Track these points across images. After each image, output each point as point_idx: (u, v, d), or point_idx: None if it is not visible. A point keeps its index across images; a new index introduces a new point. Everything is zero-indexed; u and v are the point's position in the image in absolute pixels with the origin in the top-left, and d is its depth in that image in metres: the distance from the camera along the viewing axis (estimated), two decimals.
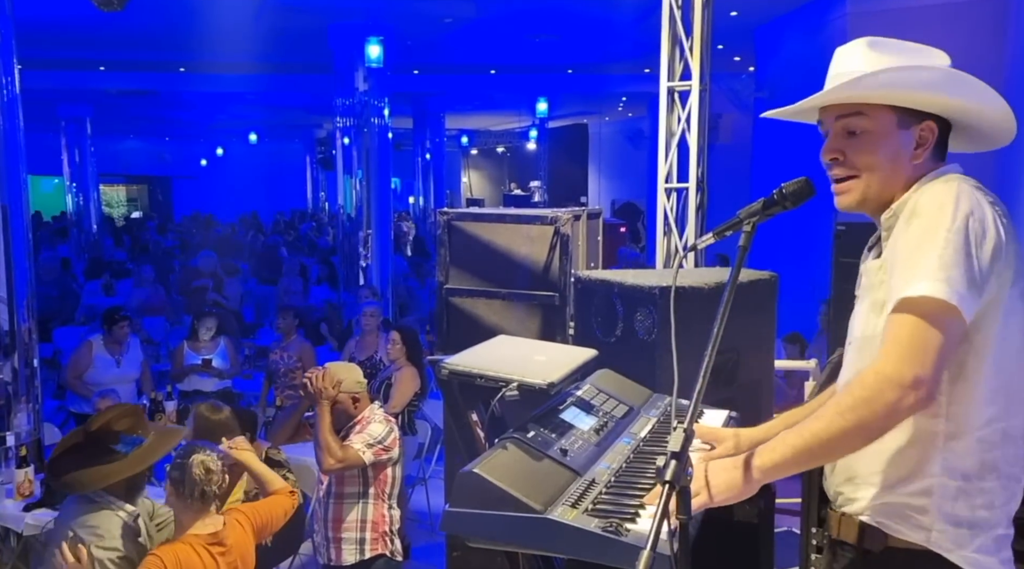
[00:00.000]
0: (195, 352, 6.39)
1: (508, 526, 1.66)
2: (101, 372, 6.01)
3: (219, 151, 24.88)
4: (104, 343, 6.09)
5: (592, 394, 2.35)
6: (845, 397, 1.50)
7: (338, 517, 3.46)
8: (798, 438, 1.53)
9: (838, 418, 1.48)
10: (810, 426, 1.52)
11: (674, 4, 4.60)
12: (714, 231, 1.75)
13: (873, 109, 1.64)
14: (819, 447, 1.51)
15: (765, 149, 9.45)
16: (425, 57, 11.97)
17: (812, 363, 5.10)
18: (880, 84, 1.62)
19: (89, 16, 6.08)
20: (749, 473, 1.54)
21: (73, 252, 15.41)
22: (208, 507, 2.75)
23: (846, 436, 1.49)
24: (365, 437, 3.36)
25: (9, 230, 4.91)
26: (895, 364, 1.46)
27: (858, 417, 1.47)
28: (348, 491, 3.46)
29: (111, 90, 14.00)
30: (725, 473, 1.56)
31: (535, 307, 4.00)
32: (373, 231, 9.32)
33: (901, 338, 1.48)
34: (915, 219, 1.55)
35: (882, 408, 1.46)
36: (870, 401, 1.46)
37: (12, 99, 4.97)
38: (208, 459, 2.74)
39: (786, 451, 1.53)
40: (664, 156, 4.76)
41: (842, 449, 1.57)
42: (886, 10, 6.93)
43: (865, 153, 1.65)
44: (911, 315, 1.47)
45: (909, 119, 1.64)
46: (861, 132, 1.65)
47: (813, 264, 6.54)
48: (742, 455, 1.58)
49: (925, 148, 1.65)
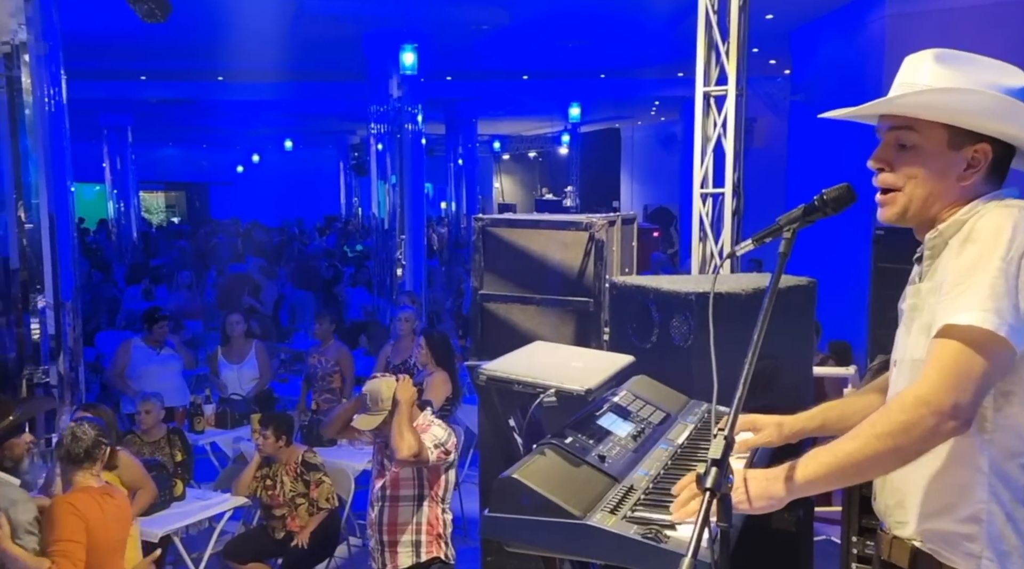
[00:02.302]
0: (227, 360, 6.49)
1: (547, 532, 1.67)
2: (140, 365, 6.10)
3: (255, 158, 25.25)
4: (145, 342, 6.20)
5: (629, 400, 2.35)
6: (882, 419, 1.49)
7: (393, 520, 3.48)
8: (831, 456, 1.52)
9: (874, 440, 1.48)
10: (844, 445, 1.52)
11: (710, 8, 4.58)
12: (753, 237, 1.74)
13: (924, 125, 1.61)
14: (852, 467, 1.51)
15: (801, 153, 9.35)
16: (458, 63, 12.04)
17: (851, 369, 5.03)
18: (918, 104, 1.60)
19: (132, 28, 6.22)
20: (780, 486, 1.54)
21: (114, 257, 15.74)
22: (88, 466, 3.37)
23: (881, 459, 1.49)
24: (430, 437, 3.40)
25: (56, 237, 5.05)
26: (935, 390, 1.45)
27: (895, 441, 1.46)
28: (403, 494, 3.49)
29: (151, 99, 14.30)
30: (761, 484, 1.56)
31: (569, 312, 4.00)
32: (407, 236, 9.39)
33: (944, 364, 1.47)
34: (969, 244, 1.53)
35: (919, 433, 1.46)
36: (907, 427, 1.46)
37: (59, 109, 5.12)
38: (76, 428, 3.42)
39: (818, 469, 1.53)
40: (700, 161, 4.74)
41: (876, 471, 1.58)
42: (927, 11, 6.81)
43: (911, 167, 1.63)
44: (956, 342, 1.46)
45: (961, 139, 1.61)
46: (911, 146, 1.63)
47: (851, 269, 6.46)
48: (779, 467, 1.57)
49: (976, 170, 1.61)
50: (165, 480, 4.55)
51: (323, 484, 4.61)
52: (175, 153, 25.08)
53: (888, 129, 1.66)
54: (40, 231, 4.99)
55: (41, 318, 5.02)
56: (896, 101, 1.62)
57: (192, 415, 5.91)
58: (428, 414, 3.56)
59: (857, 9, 7.90)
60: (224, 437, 5.94)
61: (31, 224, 4.95)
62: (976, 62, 1.64)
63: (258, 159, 25.24)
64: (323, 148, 25.55)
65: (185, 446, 5.02)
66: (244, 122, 19.18)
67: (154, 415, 4.94)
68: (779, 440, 1.98)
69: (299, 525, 4.56)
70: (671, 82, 13.09)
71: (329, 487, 4.65)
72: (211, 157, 25.74)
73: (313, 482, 4.59)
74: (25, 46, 4.87)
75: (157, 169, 23.53)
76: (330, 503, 4.62)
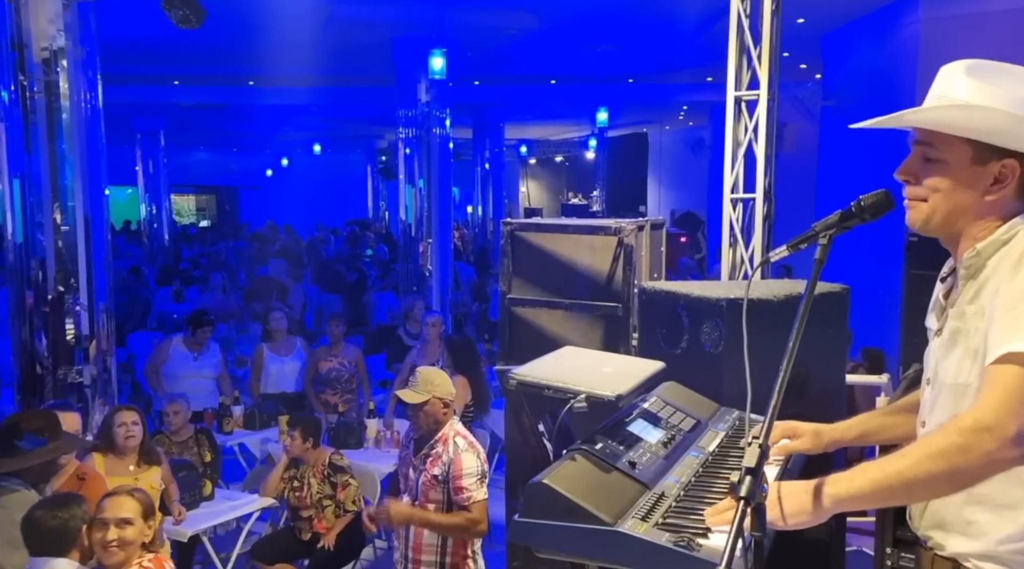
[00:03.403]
0: (275, 353, 6.53)
1: (578, 538, 1.66)
2: (178, 366, 6.14)
3: (284, 162, 25.51)
4: (185, 342, 6.25)
5: (659, 407, 2.33)
6: (938, 440, 1.45)
7: (418, 541, 3.43)
8: (880, 473, 1.48)
9: (927, 461, 1.44)
10: (895, 463, 1.48)
11: (742, 13, 4.55)
12: (789, 244, 1.72)
13: (947, 139, 1.59)
14: (901, 486, 1.47)
15: (832, 158, 9.26)
16: (486, 68, 12.08)
17: (884, 378, 4.96)
18: (934, 121, 1.59)
19: (167, 33, 6.32)
20: (820, 501, 1.50)
21: (145, 259, 15.97)
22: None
23: (934, 481, 1.45)
24: (472, 477, 3.30)
25: (91, 239, 5.13)
26: (997, 415, 1.41)
27: (950, 464, 1.42)
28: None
29: (184, 104, 14.51)
30: (797, 498, 1.52)
31: (598, 318, 3.98)
32: (434, 240, 9.42)
33: (1007, 390, 1.42)
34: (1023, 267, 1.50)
35: (978, 459, 1.41)
36: (966, 450, 1.41)
37: (95, 114, 5.20)
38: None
39: (864, 484, 1.49)
40: (731, 166, 4.70)
41: (926, 493, 1.53)
42: (961, 15, 6.71)
43: (935, 180, 1.61)
44: (1016, 367, 1.43)
45: (987, 155, 1.58)
46: (935, 160, 1.61)
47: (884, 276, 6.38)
48: (816, 480, 1.54)
49: (1004, 185, 1.58)
50: (194, 480, 4.60)
51: (350, 486, 4.64)
52: (206, 157, 25.43)
53: (915, 141, 1.65)
54: (76, 233, 5.07)
55: (75, 319, 5.11)
56: (907, 117, 1.61)
57: (221, 416, 5.96)
58: (455, 422, 3.53)
59: (890, 13, 7.80)
60: (252, 438, 5.99)
61: (67, 226, 5.03)
62: (1010, 73, 1.61)
63: (287, 163, 25.50)
64: (351, 152, 25.74)
65: (213, 446, 5.07)
66: (274, 126, 19.39)
67: (182, 416, 4.99)
68: (817, 448, 1.97)
69: (325, 527, 4.59)
70: (700, 87, 13.03)
71: (356, 489, 4.67)
72: (241, 161, 26.06)
73: (340, 484, 4.61)
74: (63, 52, 4.96)
75: (188, 173, 23.87)
76: (356, 505, 4.64)
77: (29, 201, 4.99)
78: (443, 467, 3.36)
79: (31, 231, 5.00)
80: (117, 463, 4.18)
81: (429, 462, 3.40)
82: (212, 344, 6.37)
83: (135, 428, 4.21)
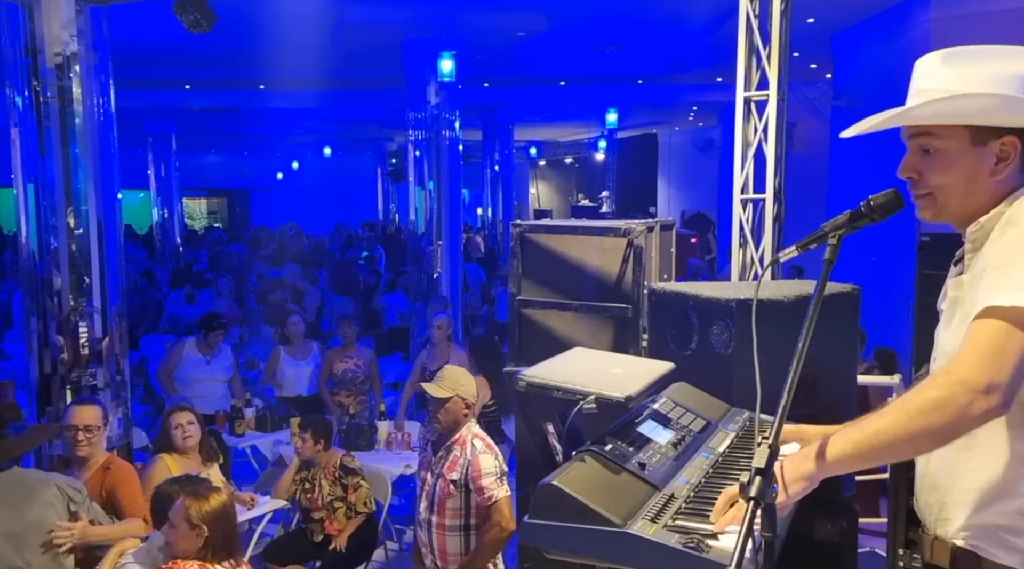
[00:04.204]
0: (293, 358, 6.58)
1: (588, 539, 1.66)
2: (190, 370, 6.20)
3: (295, 165, 25.62)
4: (197, 345, 6.30)
5: (669, 407, 2.33)
6: (914, 397, 1.46)
7: (443, 548, 3.43)
8: (860, 434, 1.49)
9: (904, 418, 1.44)
10: (873, 423, 1.49)
11: (751, 13, 4.54)
12: (798, 244, 1.72)
13: (943, 128, 1.60)
14: (881, 446, 1.48)
15: (842, 158, 9.21)
16: (496, 70, 12.08)
17: (896, 378, 4.93)
18: (928, 115, 1.59)
19: (178, 37, 6.35)
20: (810, 465, 1.52)
21: (157, 263, 16.05)
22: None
23: (911, 438, 1.45)
24: (491, 477, 3.32)
25: (104, 243, 5.17)
26: (969, 368, 1.41)
27: (927, 420, 1.42)
28: (450, 524, 3.41)
29: (195, 107, 14.59)
30: (794, 464, 1.55)
31: (607, 319, 3.98)
32: (444, 242, 9.43)
33: (980, 343, 1.42)
34: (1011, 228, 1.51)
35: (952, 411, 1.40)
36: (939, 404, 1.41)
37: (108, 118, 5.24)
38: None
39: (846, 446, 1.50)
40: (740, 167, 4.69)
41: (906, 450, 1.53)
42: (972, 14, 6.67)
43: (938, 173, 1.62)
44: (995, 320, 1.42)
45: (984, 135, 1.58)
46: (934, 151, 1.62)
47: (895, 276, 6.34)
48: (811, 446, 1.56)
49: (1007, 163, 1.58)
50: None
51: (361, 488, 4.65)
52: (217, 160, 25.56)
53: (910, 136, 1.65)
54: (89, 237, 5.11)
55: (89, 322, 5.14)
56: (895, 119, 1.61)
57: (232, 418, 6.00)
58: (473, 424, 3.53)
59: (900, 12, 7.76)
60: (264, 440, 6.02)
61: (80, 230, 5.07)
62: (983, 55, 1.61)
63: (298, 166, 25.59)
64: (361, 155, 25.82)
65: (222, 448, 5.09)
66: (284, 129, 19.48)
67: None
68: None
69: (337, 528, 4.60)
70: (710, 87, 13.00)
71: (367, 491, 4.69)
72: (252, 164, 26.18)
73: (351, 486, 4.63)
74: (76, 57, 5.00)
75: (200, 176, 23.99)
76: (368, 507, 4.65)
77: (43, 205, 5.03)
78: (461, 470, 3.36)
79: (45, 235, 5.04)
80: (186, 462, 4.29)
81: (447, 466, 3.40)
82: (224, 347, 6.41)
83: (191, 427, 4.34)
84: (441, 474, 3.41)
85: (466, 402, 3.43)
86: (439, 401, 3.39)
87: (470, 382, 3.49)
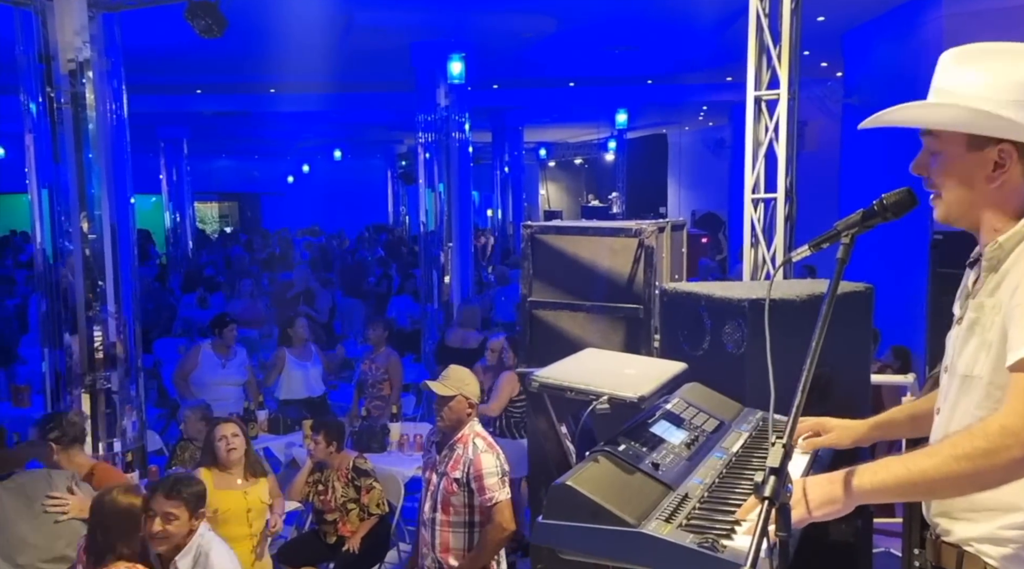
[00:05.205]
0: (299, 359, 6.61)
1: (602, 539, 1.67)
2: (207, 373, 6.23)
3: (305, 168, 25.71)
4: (213, 347, 6.34)
5: (682, 408, 2.33)
6: (964, 442, 1.46)
7: (445, 543, 3.49)
8: (904, 469, 1.50)
9: (952, 462, 1.45)
10: (920, 461, 1.49)
11: (761, 12, 4.53)
12: (810, 243, 1.72)
13: (941, 131, 1.60)
14: (924, 484, 1.49)
15: (854, 157, 9.17)
16: (505, 72, 12.10)
17: (910, 377, 4.91)
18: (903, 120, 1.61)
19: (189, 43, 6.40)
20: (844, 491, 1.52)
21: (169, 266, 16.15)
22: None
23: (957, 482, 1.47)
24: (493, 477, 3.38)
25: (118, 248, 5.20)
26: (1020, 418, 1.42)
27: (975, 467, 1.44)
28: (455, 521, 3.47)
29: (207, 112, 14.67)
30: (822, 488, 1.54)
31: (619, 320, 3.98)
32: (454, 244, 9.45)
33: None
34: None
35: (1002, 463, 1.43)
36: (991, 454, 1.43)
37: (121, 123, 5.28)
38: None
39: (888, 478, 1.51)
40: (751, 166, 4.68)
41: (948, 492, 1.55)
42: (984, 10, 6.62)
43: (939, 174, 1.63)
44: None
45: (982, 141, 1.57)
46: (936, 152, 1.63)
47: (909, 274, 6.31)
48: (841, 471, 1.55)
49: (1004, 170, 1.56)
50: None
51: (374, 490, 4.66)
52: (228, 164, 25.68)
53: (921, 134, 1.66)
54: (103, 241, 5.15)
55: (103, 326, 5.18)
56: (883, 117, 1.64)
57: (246, 421, 6.01)
58: (476, 423, 3.57)
59: (912, 9, 7.72)
60: (277, 442, 6.04)
61: (94, 235, 5.11)
62: (992, 53, 1.59)
63: (308, 169, 25.69)
64: (371, 158, 25.90)
65: None
66: (295, 133, 19.55)
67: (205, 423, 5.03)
68: (847, 442, 2.00)
69: (350, 530, 4.61)
70: (719, 87, 12.96)
71: (380, 493, 4.70)
72: (263, 168, 26.29)
73: (364, 488, 4.64)
74: (89, 63, 5.03)
75: (211, 180, 24.10)
76: (380, 509, 4.66)
77: (57, 210, 5.07)
78: (463, 469, 3.42)
79: (59, 240, 5.08)
80: (225, 477, 4.05)
81: (450, 465, 3.46)
82: (239, 350, 6.47)
83: (236, 440, 4.06)
84: (445, 473, 3.48)
85: (469, 401, 3.51)
86: (443, 399, 3.47)
87: (474, 383, 3.57)
